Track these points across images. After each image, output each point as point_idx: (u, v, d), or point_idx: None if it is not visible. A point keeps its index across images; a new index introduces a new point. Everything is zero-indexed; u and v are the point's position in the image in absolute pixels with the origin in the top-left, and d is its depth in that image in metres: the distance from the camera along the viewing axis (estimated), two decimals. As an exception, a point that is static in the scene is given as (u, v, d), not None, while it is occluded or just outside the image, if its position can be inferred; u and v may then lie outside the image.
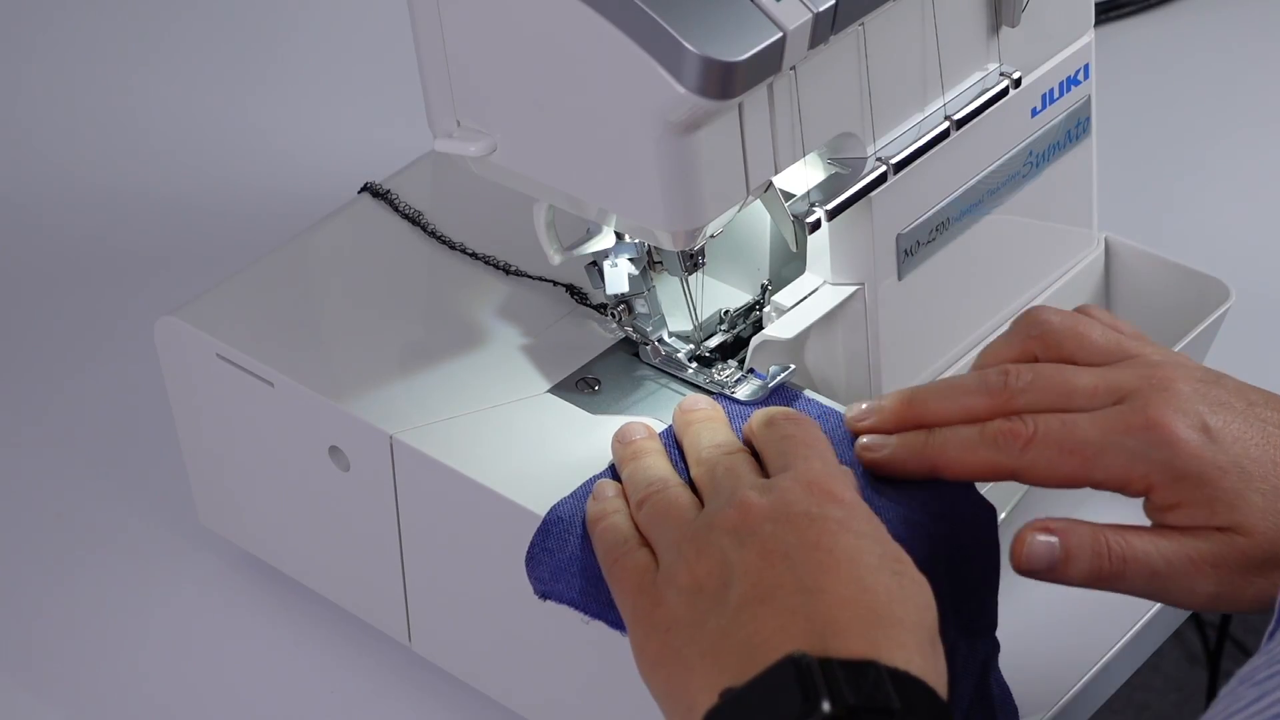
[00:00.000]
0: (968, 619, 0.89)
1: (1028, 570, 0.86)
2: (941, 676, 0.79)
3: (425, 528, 0.99)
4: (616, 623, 0.89)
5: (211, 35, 1.55)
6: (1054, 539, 0.86)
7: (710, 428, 0.92)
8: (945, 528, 0.89)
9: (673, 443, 0.94)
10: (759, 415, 0.92)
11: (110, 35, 1.56)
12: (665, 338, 1.02)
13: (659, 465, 0.91)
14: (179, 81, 1.51)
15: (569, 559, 0.91)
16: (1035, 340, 0.92)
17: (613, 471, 0.94)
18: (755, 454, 0.91)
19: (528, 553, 0.92)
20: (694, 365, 1.01)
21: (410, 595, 1.03)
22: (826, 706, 0.74)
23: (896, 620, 0.79)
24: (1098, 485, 0.87)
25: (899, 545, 0.84)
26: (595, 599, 0.91)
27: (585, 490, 0.93)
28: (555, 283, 1.06)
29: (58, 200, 1.41)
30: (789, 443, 0.89)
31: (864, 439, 0.91)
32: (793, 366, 0.99)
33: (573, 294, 1.06)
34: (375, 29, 1.54)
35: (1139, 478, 0.86)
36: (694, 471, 0.91)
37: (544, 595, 0.92)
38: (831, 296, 1.01)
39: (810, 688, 0.75)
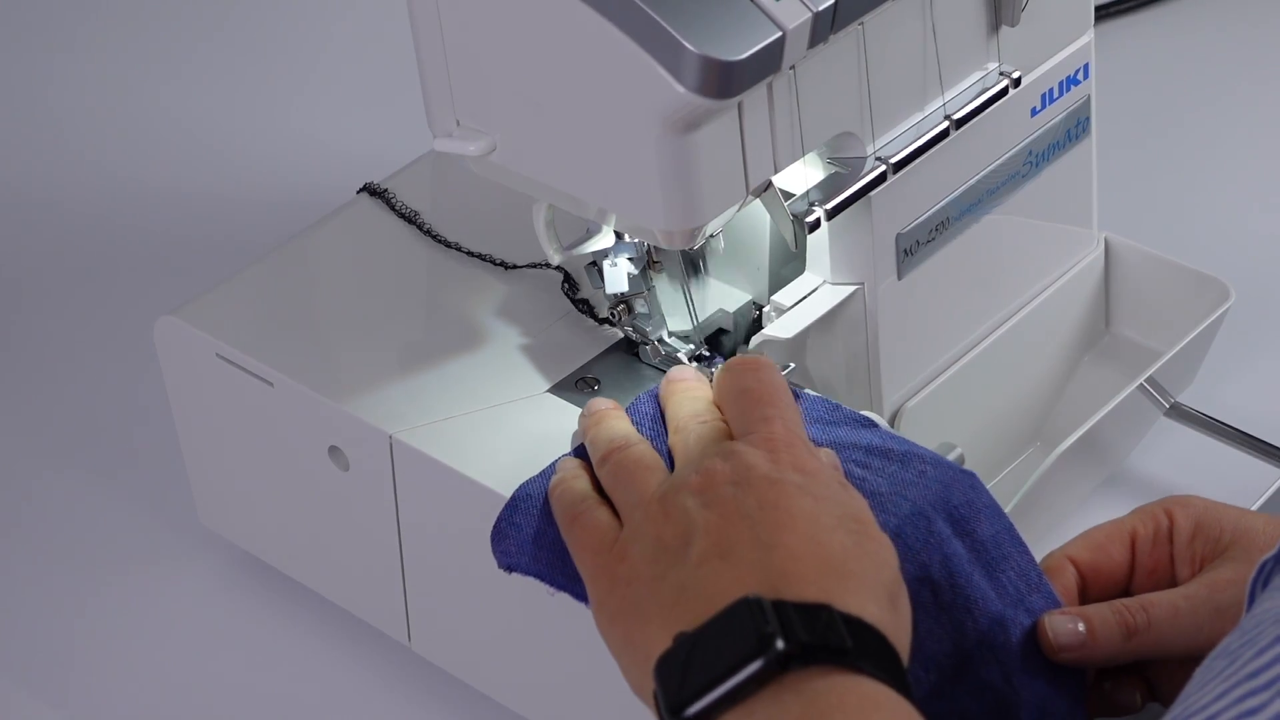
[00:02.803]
0: (1005, 583, 0.89)
1: (1060, 649, 0.87)
2: (900, 632, 0.81)
3: (425, 528, 0.99)
4: (581, 595, 0.90)
5: (211, 36, 1.55)
6: (1076, 622, 0.87)
7: (690, 397, 0.94)
8: (931, 492, 0.90)
9: (658, 411, 0.95)
10: (722, 366, 0.93)
11: (109, 36, 1.56)
12: (665, 338, 1.02)
13: (621, 426, 0.92)
14: (178, 82, 1.51)
15: (535, 533, 0.93)
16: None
17: (581, 453, 0.94)
18: None
19: (494, 527, 0.93)
20: (694, 365, 1.01)
21: (410, 595, 1.02)
22: (780, 645, 0.76)
23: (851, 573, 0.81)
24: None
25: (864, 507, 0.85)
26: (561, 571, 0.92)
27: (554, 469, 0.94)
28: (548, 265, 1.05)
29: (57, 201, 1.41)
30: (747, 399, 0.90)
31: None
32: (792, 366, 0.99)
33: (566, 282, 1.05)
34: (375, 29, 1.54)
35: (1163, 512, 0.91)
36: (671, 439, 0.92)
37: (509, 568, 0.93)
38: (831, 296, 1.01)
39: (764, 627, 0.76)
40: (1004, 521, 0.90)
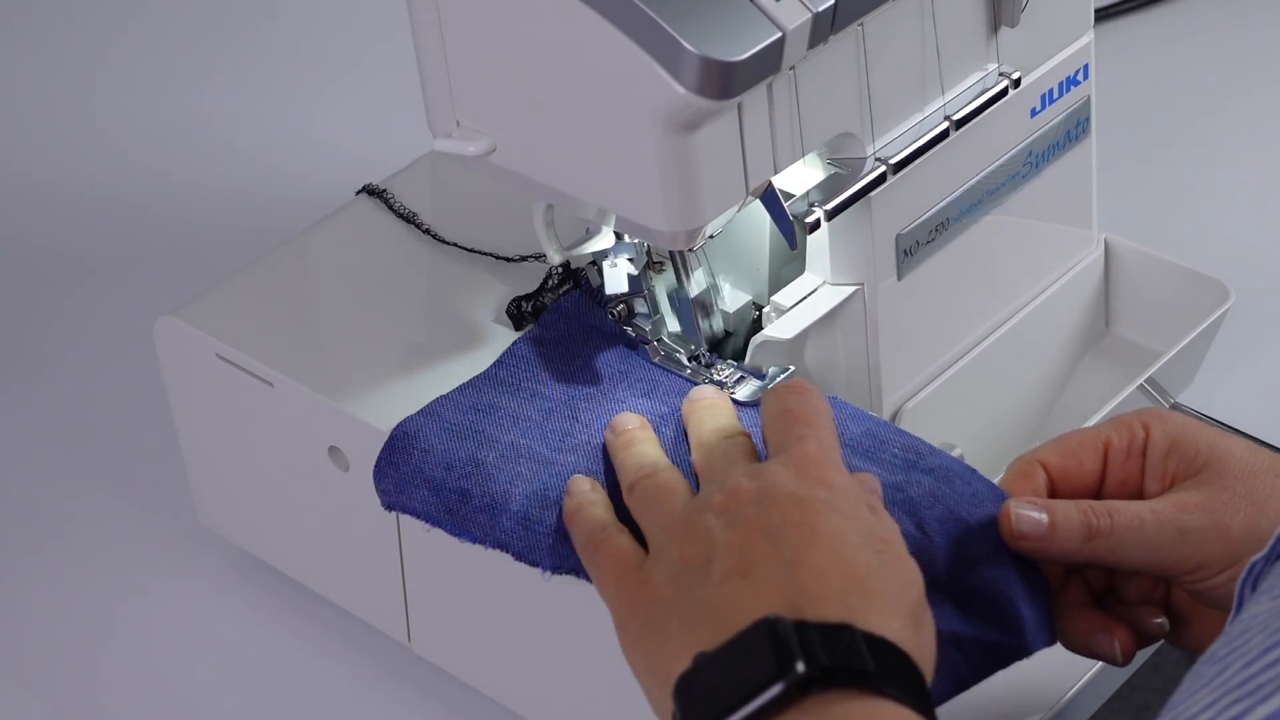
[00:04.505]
0: (889, 459, 0.92)
1: (1018, 537, 0.88)
2: (923, 653, 0.80)
3: (425, 528, 0.99)
4: (456, 531, 0.94)
5: (211, 35, 1.55)
6: (1040, 512, 0.88)
7: (713, 413, 0.94)
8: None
9: (680, 429, 0.95)
10: (770, 389, 0.93)
11: (109, 35, 1.56)
12: (665, 338, 1.02)
13: (650, 451, 0.92)
14: (179, 82, 1.51)
15: (412, 472, 0.95)
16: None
17: (605, 461, 0.94)
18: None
19: (375, 467, 0.96)
20: (693, 365, 1.01)
21: (410, 595, 1.03)
22: (801, 667, 0.75)
23: (874, 591, 0.80)
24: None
25: (892, 530, 0.85)
26: (436, 507, 0.94)
27: (431, 408, 0.97)
28: (541, 258, 1.06)
29: (57, 200, 1.41)
30: (786, 419, 0.89)
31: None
32: (792, 368, 0.99)
33: (569, 274, 1.05)
34: (375, 29, 1.54)
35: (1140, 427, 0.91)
36: (694, 456, 0.92)
37: (389, 507, 0.96)
38: (831, 297, 1.01)
39: (784, 649, 0.76)
40: (876, 420, 0.94)
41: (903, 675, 0.77)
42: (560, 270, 1.05)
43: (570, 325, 1.01)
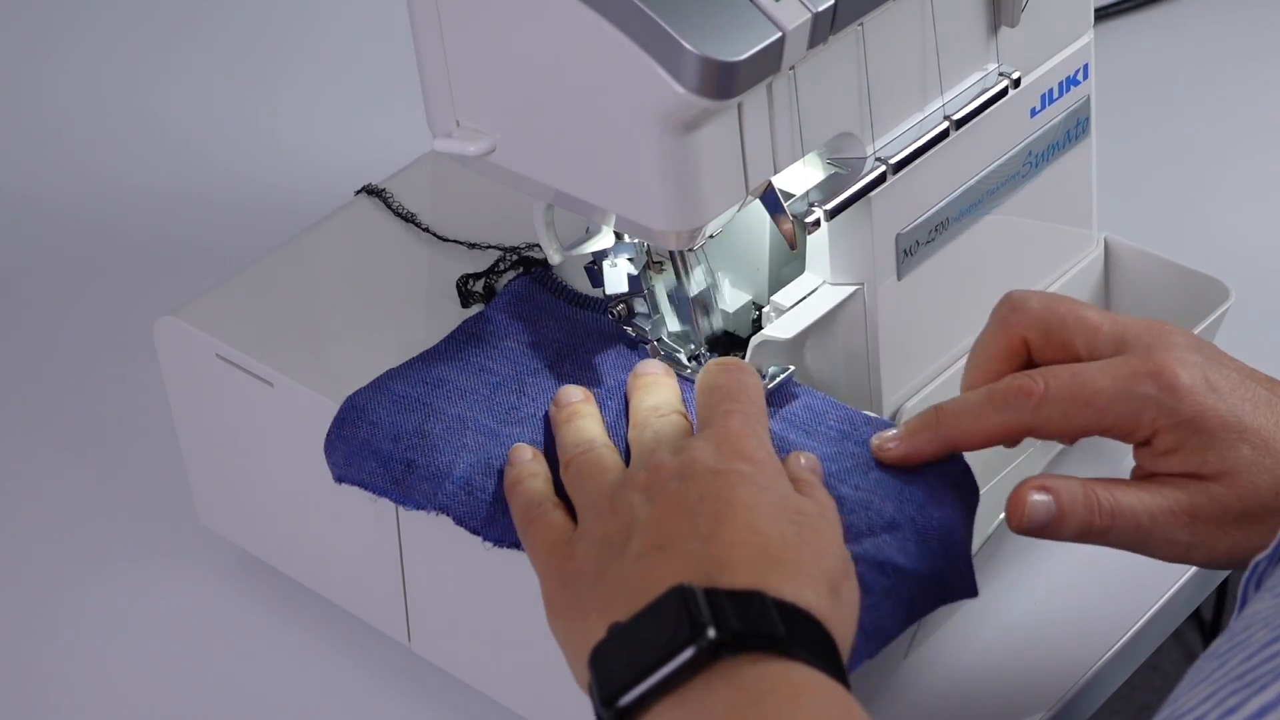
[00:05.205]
0: (825, 431, 0.95)
1: (1026, 529, 0.89)
2: (841, 620, 0.81)
3: (425, 528, 0.99)
4: (401, 499, 0.95)
5: (211, 35, 1.55)
6: (1049, 498, 0.88)
7: (653, 390, 0.95)
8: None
9: (624, 403, 0.97)
10: (704, 366, 0.95)
11: (109, 35, 1.56)
12: (665, 338, 1.02)
13: (589, 427, 0.94)
14: (178, 82, 1.51)
15: (361, 444, 0.96)
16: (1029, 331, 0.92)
17: (549, 434, 0.96)
18: None
19: (325, 440, 0.97)
20: (693, 365, 1.01)
21: (410, 595, 1.03)
22: (712, 632, 0.76)
23: (788, 561, 0.81)
24: (1106, 433, 0.89)
25: (820, 503, 0.86)
26: (383, 478, 0.96)
27: (380, 382, 0.98)
28: (528, 249, 1.06)
29: (57, 200, 1.41)
30: (715, 395, 0.91)
31: (876, 439, 0.93)
32: (792, 368, 0.99)
33: (520, 261, 1.06)
34: (375, 29, 1.54)
35: (1146, 423, 0.88)
36: (630, 434, 0.93)
37: (339, 479, 0.98)
38: (831, 296, 1.01)
39: (696, 615, 0.77)
40: (816, 394, 0.96)
41: (815, 641, 0.78)
42: (514, 257, 1.05)
43: (520, 308, 1.03)
